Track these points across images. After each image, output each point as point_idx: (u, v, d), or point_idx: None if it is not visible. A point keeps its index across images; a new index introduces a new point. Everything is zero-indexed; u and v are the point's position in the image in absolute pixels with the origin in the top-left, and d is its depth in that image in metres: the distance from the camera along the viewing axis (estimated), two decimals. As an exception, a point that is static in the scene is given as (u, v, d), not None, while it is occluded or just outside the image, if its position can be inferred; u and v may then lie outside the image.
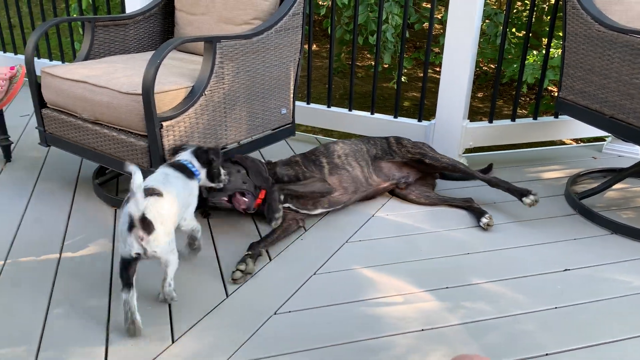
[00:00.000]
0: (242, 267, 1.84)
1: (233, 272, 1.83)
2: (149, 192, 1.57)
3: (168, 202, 1.62)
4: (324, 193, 2.17)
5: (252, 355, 1.52)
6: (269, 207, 1.99)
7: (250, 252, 1.91)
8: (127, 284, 1.56)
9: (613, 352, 1.55)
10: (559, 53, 3.91)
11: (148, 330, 1.60)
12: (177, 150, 1.95)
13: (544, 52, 2.95)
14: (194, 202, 1.83)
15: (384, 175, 2.38)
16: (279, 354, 1.52)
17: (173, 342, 1.56)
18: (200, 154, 1.87)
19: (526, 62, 2.86)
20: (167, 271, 1.66)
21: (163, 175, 1.75)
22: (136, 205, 1.49)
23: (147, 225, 1.51)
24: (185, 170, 1.80)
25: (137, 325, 1.57)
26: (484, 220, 2.18)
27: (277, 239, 2.05)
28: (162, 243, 1.56)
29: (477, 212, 2.25)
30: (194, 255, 1.93)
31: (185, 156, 1.85)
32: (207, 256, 1.97)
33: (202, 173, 1.89)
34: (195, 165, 1.85)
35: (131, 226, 1.52)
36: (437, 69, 5.92)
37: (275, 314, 1.68)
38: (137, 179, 1.45)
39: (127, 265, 1.56)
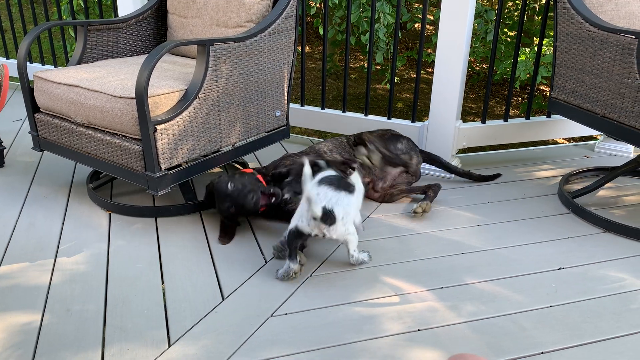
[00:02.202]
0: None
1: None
2: (345, 186, 1.78)
3: (356, 196, 1.83)
4: None
5: (249, 357, 1.52)
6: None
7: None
8: (294, 252, 1.78)
9: (607, 350, 1.57)
10: (551, 50, 3.94)
11: (144, 334, 1.60)
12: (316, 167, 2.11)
13: (535, 49, 2.96)
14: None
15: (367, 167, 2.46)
16: (276, 356, 1.53)
17: (169, 346, 1.56)
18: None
19: (518, 59, 2.87)
20: (348, 247, 1.85)
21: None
22: (327, 200, 1.71)
23: (330, 218, 1.70)
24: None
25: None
26: (415, 205, 2.27)
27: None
28: (340, 231, 1.75)
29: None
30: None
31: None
32: (202, 259, 1.97)
33: None
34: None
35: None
36: (430, 70, 5.94)
37: (272, 316, 1.69)
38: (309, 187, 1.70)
39: (299, 235, 1.76)
